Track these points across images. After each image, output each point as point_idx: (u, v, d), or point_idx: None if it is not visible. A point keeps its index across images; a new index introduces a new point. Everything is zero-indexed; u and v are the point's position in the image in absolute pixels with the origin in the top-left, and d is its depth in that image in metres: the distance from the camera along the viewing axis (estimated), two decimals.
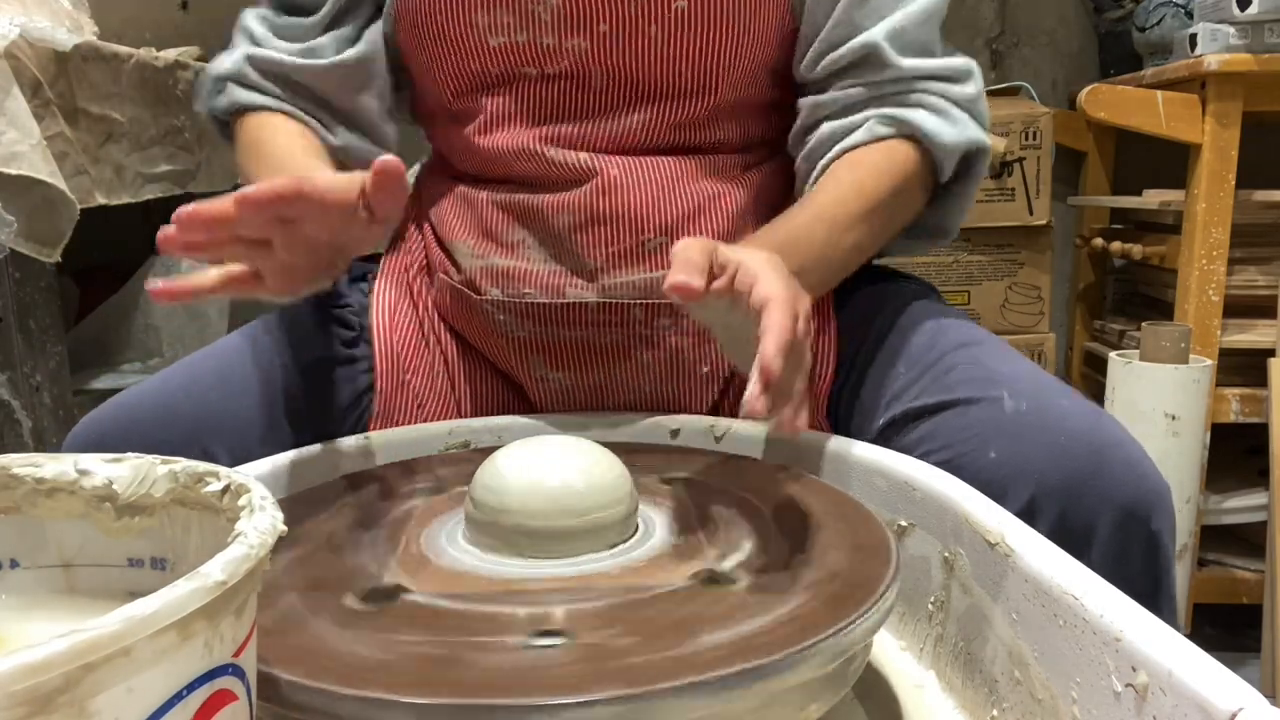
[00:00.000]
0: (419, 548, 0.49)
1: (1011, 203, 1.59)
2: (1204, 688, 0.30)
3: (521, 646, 0.38)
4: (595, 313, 0.70)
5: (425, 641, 0.39)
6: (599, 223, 0.70)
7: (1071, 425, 0.57)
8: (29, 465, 0.36)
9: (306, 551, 0.48)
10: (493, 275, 0.72)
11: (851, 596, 0.41)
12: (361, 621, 0.41)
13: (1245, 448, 1.60)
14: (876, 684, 0.50)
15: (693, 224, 0.71)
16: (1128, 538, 0.56)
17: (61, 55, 1.21)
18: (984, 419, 0.59)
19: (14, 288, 1.21)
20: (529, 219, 0.71)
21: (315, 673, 0.35)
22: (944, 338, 0.67)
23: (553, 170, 0.71)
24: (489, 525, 0.47)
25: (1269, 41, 1.35)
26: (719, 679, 0.35)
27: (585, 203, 0.69)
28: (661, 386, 0.73)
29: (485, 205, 0.73)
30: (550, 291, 0.70)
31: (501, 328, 0.72)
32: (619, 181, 0.69)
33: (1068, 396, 0.60)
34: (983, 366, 0.63)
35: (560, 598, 0.42)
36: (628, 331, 0.71)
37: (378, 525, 0.52)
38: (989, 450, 0.57)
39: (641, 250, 0.70)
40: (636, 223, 0.69)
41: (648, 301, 0.70)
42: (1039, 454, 0.56)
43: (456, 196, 0.76)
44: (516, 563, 0.46)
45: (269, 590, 0.43)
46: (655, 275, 0.69)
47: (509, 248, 0.72)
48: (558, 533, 0.46)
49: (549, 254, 0.71)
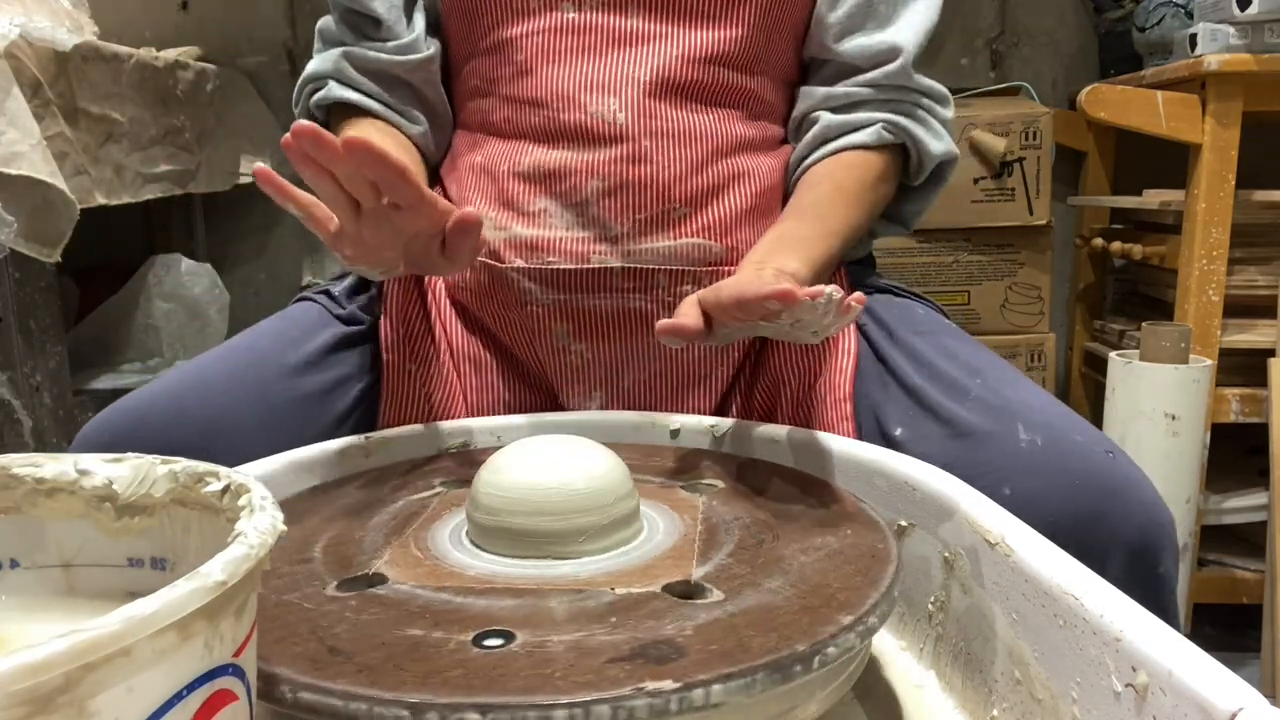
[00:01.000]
0: (418, 537, 0.49)
1: (1011, 203, 1.59)
2: (1204, 688, 0.30)
3: (464, 644, 0.38)
4: (619, 278, 0.71)
5: (385, 631, 0.39)
6: (627, 189, 0.71)
7: (1085, 464, 0.58)
8: (29, 465, 0.36)
9: (306, 552, 0.48)
10: (515, 245, 0.72)
11: (851, 597, 0.41)
12: (332, 605, 0.42)
13: (1245, 448, 1.60)
14: (876, 684, 0.50)
15: (720, 198, 0.73)
16: (1136, 577, 0.57)
17: (61, 55, 1.21)
18: (999, 453, 0.60)
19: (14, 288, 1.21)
20: (553, 183, 0.72)
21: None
22: (956, 361, 0.68)
23: (586, 120, 0.71)
24: (490, 526, 0.47)
25: (1269, 41, 1.35)
26: (703, 681, 0.34)
27: (615, 169, 0.71)
28: (683, 356, 0.74)
29: (506, 177, 0.74)
30: (574, 258, 0.71)
31: (526, 296, 0.73)
32: (649, 153, 0.71)
33: (1081, 431, 0.61)
34: (997, 395, 0.64)
35: (524, 599, 0.42)
36: (650, 297, 0.72)
37: (378, 526, 0.52)
38: (1004, 487, 0.58)
39: (667, 219, 0.72)
40: (665, 192, 0.71)
41: (671, 268, 0.72)
42: (1053, 492, 0.57)
43: (477, 170, 0.77)
44: (515, 562, 0.46)
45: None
46: (680, 243, 0.72)
47: (531, 217, 0.73)
48: (559, 533, 0.46)
49: (572, 220, 0.72)
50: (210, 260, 1.79)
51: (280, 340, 0.73)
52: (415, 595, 0.43)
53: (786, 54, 0.79)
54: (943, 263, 1.63)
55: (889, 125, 0.75)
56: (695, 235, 0.72)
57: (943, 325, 0.75)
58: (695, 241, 0.72)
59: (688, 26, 0.73)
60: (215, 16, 1.92)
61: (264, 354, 0.71)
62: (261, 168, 0.52)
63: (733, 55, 0.74)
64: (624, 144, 0.71)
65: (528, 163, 0.73)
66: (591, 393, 0.75)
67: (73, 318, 1.67)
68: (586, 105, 0.71)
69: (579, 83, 0.72)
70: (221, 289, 1.68)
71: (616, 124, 0.71)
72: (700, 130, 0.73)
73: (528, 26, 0.74)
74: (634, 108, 0.71)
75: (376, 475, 0.61)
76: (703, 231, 0.72)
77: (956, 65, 1.88)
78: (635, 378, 0.74)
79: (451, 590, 0.43)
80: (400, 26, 0.78)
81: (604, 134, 0.71)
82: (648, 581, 0.44)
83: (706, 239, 0.72)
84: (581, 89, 0.72)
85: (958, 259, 1.63)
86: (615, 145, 0.71)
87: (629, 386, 0.75)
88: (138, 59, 1.41)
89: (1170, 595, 0.58)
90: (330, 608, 0.41)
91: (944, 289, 1.63)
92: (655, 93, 0.72)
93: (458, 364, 0.77)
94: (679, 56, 0.73)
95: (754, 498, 0.54)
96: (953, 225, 1.60)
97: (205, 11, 1.92)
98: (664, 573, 0.45)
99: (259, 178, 0.52)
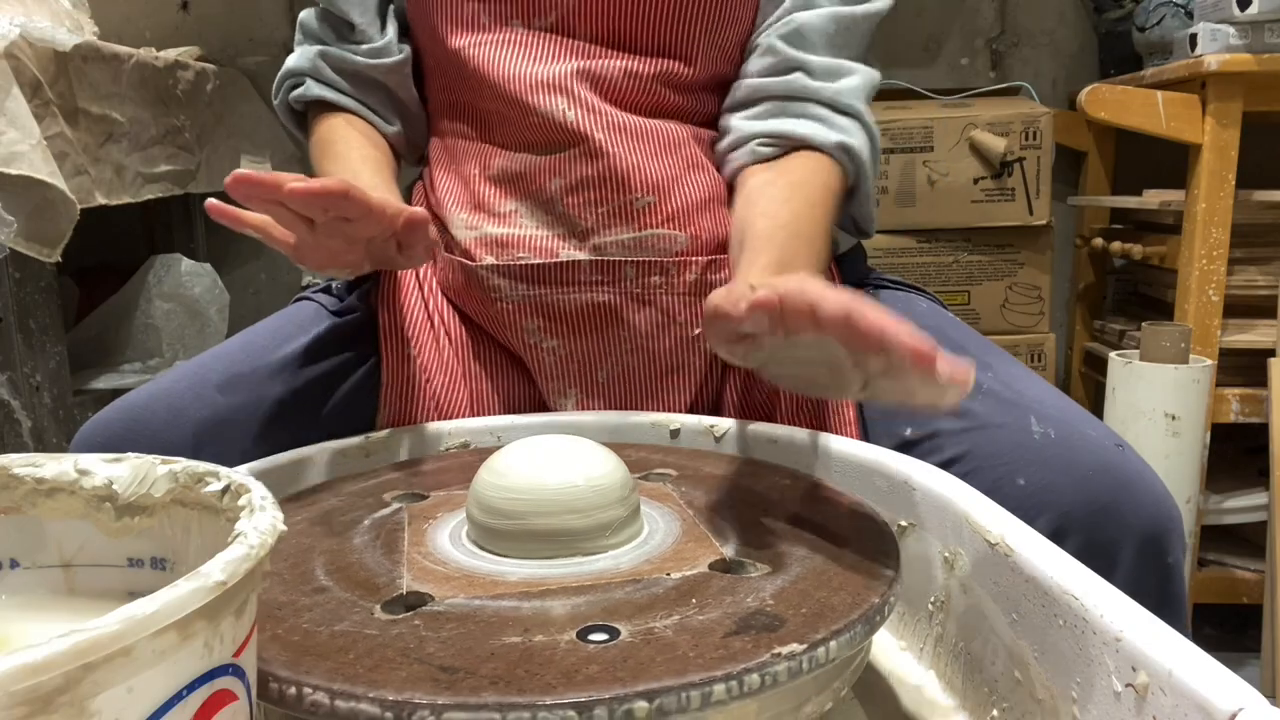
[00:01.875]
0: (423, 550, 0.48)
1: (1011, 203, 1.59)
2: (1204, 688, 0.30)
3: (575, 643, 0.37)
4: (588, 271, 0.72)
5: (480, 644, 0.37)
6: (588, 185, 0.73)
7: (1097, 457, 0.59)
8: (29, 465, 0.36)
9: (308, 549, 0.48)
10: (486, 243, 0.74)
11: (852, 597, 0.41)
12: (398, 629, 0.39)
13: (1245, 448, 1.60)
14: (876, 684, 0.50)
15: (680, 183, 0.74)
16: (1147, 565, 0.58)
17: (61, 55, 1.21)
18: (1013, 445, 0.61)
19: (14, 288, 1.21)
20: (519, 185, 0.74)
21: (400, 686, 0.34)
22: (965, 354, 0.67)
23: (538, 122, 0.73)
24: (491, 526, 0.47)
25: (1269, 41, 1.35)
26: (821, 639, 0.36)
27: (573, 166, 0.72)
28: (655, 348, 0.74)
29: (477, 180, 0.76)
30: (543, 253, 0.73)
31: (497, 293, 0.74)
32: (604, 146, 0.72)
33: (1091, 425, 0.62)
34: (1009, 389, 0.65)
35: (592, 595, 0.42)
36: (619, 290, 0.73)
37: (378, 526, 0.52)
38: (1018, 478, 0.59)
39: (631, 209, 0.73)
40: (625, 183, 0.72)
41: (639, 260, 0.73)
42: (1066, 484, 0.58)
43: (451, 174, 0.79)
44: (529, 563, 0.46)
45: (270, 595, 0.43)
46: (645, 234, 0.73)
47: (502, 218, 0.74)
48: (560, 533, 0.46)
49: (540, 219, 0.74)
50: (210, 260, 1.79)
51: (275, 338, 0.73)
52: (480, 606, 0.41)
53: (732, 72, 0.79)
54: (943, 263, 1.63)
55: (766, 139, 0.74)
56: (659, 226, 0.73)
57: (946, 319, 0.76)
58: (660, 232, 0.73)
59: (634, 55, 0.75)
60: (215, 16, 1.92)
61: (259, 353, 0.71)
62: (213, 203, 0.55)
63: (680, 80, 0.76)
64: (580, 142, 0.72)
65: (496, 167, 0.75)
66: (566, 390, 0.75)
67: (73, 318, 1.67)
68: (537, 107, 0.73)
69: (526, 84, 0.73)
70: (221, 289, 1.68)
71: (568, 121, 0.72)
72: (649, 127, 0.74)
73: (478, 38, 0.75)
74: (581, 104, 0.73)
75: (376, 475, 0.61)
76: (667, 222, 0.73)
77: (956, 65, 1.88)
78: (610, 372, 0.75)
79: (511, 596, 0.42)
80: (374, 30, 0.80)
81: (559, 135, 0.73)
82: (689, 565, 0.45)
83: (671, 229, 0.73)
84: (529, 91, 0.73)
85: (958, 259, 1.63)
86: (572, 144, 0.73)
87: (604, 380, 0.75)
88: (138, 59, 1.41)
89: (1180, 583, 0.60)
90: (400, 630, 0.39)
91: (944, 289, 1.63)
92: (601, 92, 0.74)
93: (457, 350, 0.77)
94: (621, 71, 0.74)
95: (755, 497, 0.54)
96: (953, 225, 1.60)
97: (205, 11, 1.92)
98: (695, 556, 0.46)
99: (211, 212, 0.55)
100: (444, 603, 0.42)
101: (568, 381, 0.75)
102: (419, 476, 0.61)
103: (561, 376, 0.75)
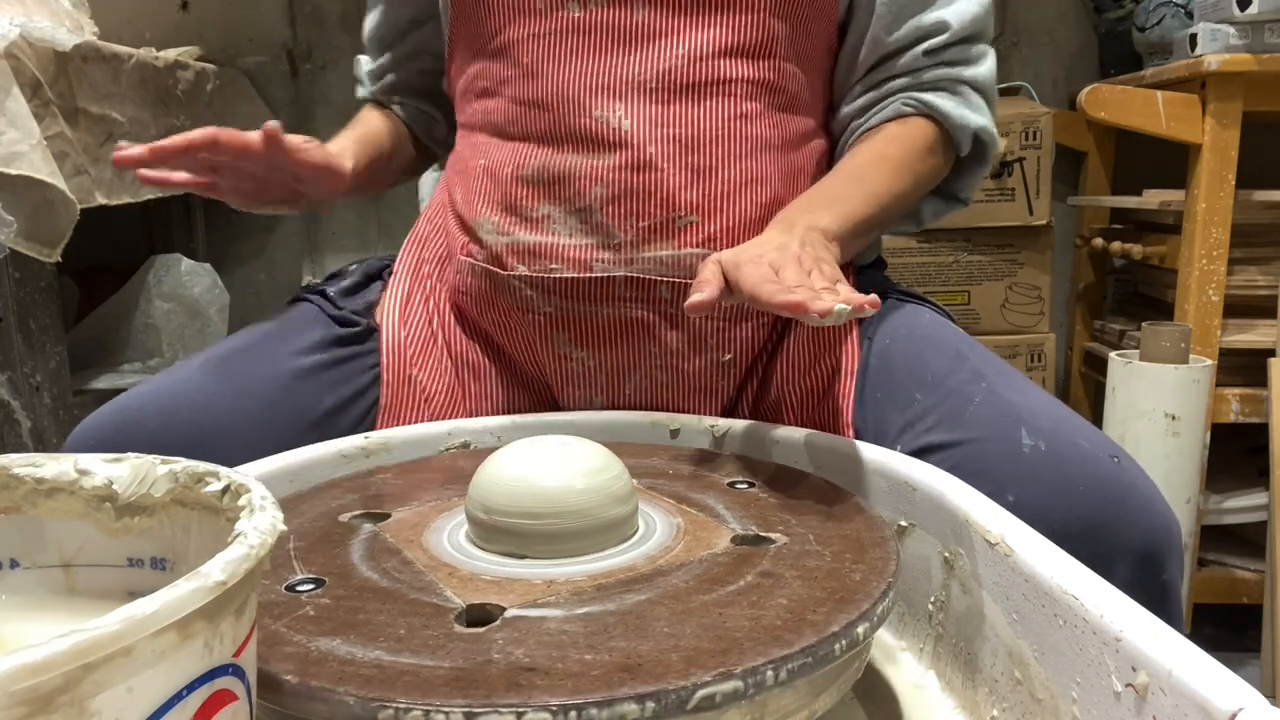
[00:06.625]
0: (437, 555, 0.47)
1: (1011, 203, 1.59)
2: (1204, 688, 0.30)
3: None
4: (622, 288, 0.70)
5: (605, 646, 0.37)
6: (632, 196, 0.70)
7: (1088, 470, 0.57)
8: (29, 465, 0.36)
9: (309, 551, 0.48)
10: (518, 252, 0.72)
11: (851, 597, 0.41)
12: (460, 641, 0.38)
13: (1245, 448, 1.60)
14: (876, 684, 0.50)
15: (727, 205, 0.71)
16: (1140, 582, 0.56)
17: (61, 55, 1.21)
18: (1002, 459, 0.58)
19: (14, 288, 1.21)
20: (558, 189, 0.71)
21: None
22: (963, 366, 0.67)
23: (591, 125, 0.70)
24: (491, 527, 0.47)
25: (1269, 41, 1.35)
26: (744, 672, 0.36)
27: (619, 176, 0.69)
28: (686, 367, 0.72)
29: (510, 181, 0.73)
30: (577, 266, 0.70)
31: (527, 304, 0.72)
32: (655, 159, 0.69)
33: (1086, 436, 0.59)
34: (1001, 400, 0.62)
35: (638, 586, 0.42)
36: (653, 309, 0.71)
37: (378, 527, 0.52)
38: (1007, 494, 0.56)
39: (671, 227, 0.70)
40: (670, 200, 0.70)
41: (675, 280, 0.70)
42: (1057, 500, 0.56)
43: (480, 173, 0.75)
44: (568, 561, 0.46)
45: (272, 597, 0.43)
46: (684, 253, 0.70)
47: (534, 223, 0.72)
48: (560, 533, 0.46)
49: (576, 227, 0.71)
50: (210, 260, 1.79)
51: (273, 340, 0.72)
52: (526, 609, 0.40)
53: (813, 38, 0.75)
54: (943, 263, 1.63)
55: (910, 100, 0.76)
56: (700, 245, 0.70)
57: (949, 330, 0.74)
58: (699, 252, 0.69)
59: (696, 17, 0.70)
60: (215, 16, 1.92)
61: (256, 355, 0.71)
62: (121, 154, 0.64)
63: (748, 45, 0.71)
64: (629, 150, 0.69)
65: (532, 166, 0.72)
66: (592, 399, 0.74)
67: (73, 318, 1.67)
68: (591, 109, 0.70)
69: (584, 85, 0.70)
70: (221, 289, 1.68)
71: (621, 130, 0.69)
72: (709, 134, 0.70)
73: (534, 28, 0.72)
74: (639, 114, 0.70)
75: (375, 475, 0.61)
76: (708, 241, 0.70)
77: None
78: (637, 385, 0.74)
79: (557, 595, 0.42)
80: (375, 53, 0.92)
81: (609, 140, 0.70)
82: (707, 548, 0.46)
83: (712, 249, 0.70)
84: (587, 92, 0.70)
85: (958, 259, 1.63)
86: (620, 151, 0.69)
87: (630, 393, 0.74)
88: (138, 59, 1.41)
89: (1175, 603, 0.58)
90: (463, 634, 0.38)
91: (944, 289, 1.63)
92: (662, 97, 0.70)
93: (458, 370, 0.76)
94: (686, 54, 0.70)
95: (754, 496, 0.54)
96: (953, 225, 1.60)
97: (205, 11, 1.92)
98: (707, 541, 0.47)
99: (120, 161, 0.64)
100: (490, 606, 0.41)
101: (593, 391, 0.74)
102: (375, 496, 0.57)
103: (587, 386, 0.74)
